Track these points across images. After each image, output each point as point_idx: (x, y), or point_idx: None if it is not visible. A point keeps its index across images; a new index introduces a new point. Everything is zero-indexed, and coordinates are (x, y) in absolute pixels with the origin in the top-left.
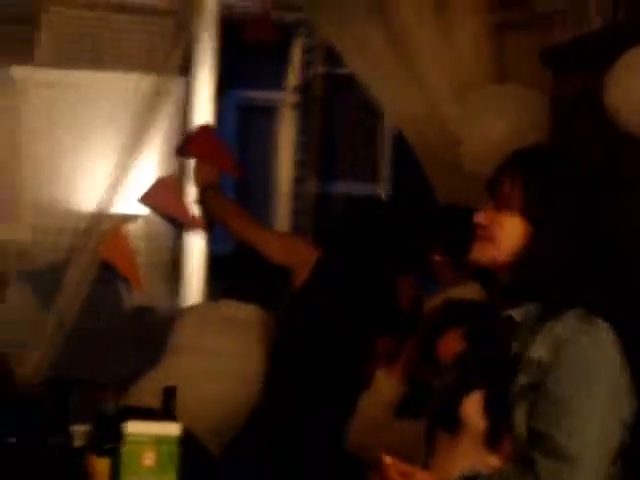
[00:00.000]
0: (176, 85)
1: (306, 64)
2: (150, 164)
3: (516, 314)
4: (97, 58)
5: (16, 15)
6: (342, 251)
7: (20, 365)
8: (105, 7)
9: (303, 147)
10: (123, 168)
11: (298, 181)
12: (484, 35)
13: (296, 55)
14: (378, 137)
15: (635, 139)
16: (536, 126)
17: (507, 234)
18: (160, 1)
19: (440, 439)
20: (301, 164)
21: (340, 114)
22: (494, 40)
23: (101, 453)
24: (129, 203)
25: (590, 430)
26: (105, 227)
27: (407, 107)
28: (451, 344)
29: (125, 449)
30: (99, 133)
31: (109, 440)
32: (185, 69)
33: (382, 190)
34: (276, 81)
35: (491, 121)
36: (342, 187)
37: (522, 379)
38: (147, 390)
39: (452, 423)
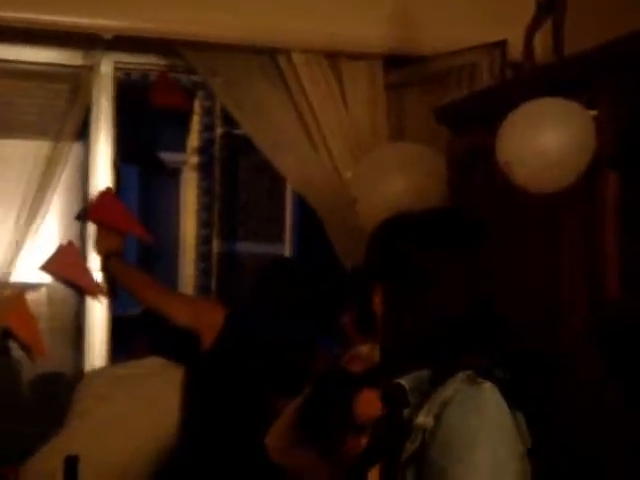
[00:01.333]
0: (75, 150)
1: (206, 125)
2: (51, 231)
3: (405, 381)
4: None
5: None
6: (250, 311)
7: None
8: (1, 74)
9: (206, 208)
10: (24, 236)
11: (202, 241)
12: (379, 97)
13: (196, 117)
14: (282, 197)
15: (526, 193)
16: (433, 183)
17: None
18: (55, 67)
19: None
20: (204, 224)
21: (243, 174)
22: (391, 99)
23: None
24: (31, 271)
25: None
26: (6, 295)
27: (306, 172)
28: (368, 404)
29: None
30: None
31: None
32: (83, 134)
33: (286, 250)
34: (178, 143)
35: (387, 179)
36: (246, 247)
37: (409, 447)
38: (50, 458)
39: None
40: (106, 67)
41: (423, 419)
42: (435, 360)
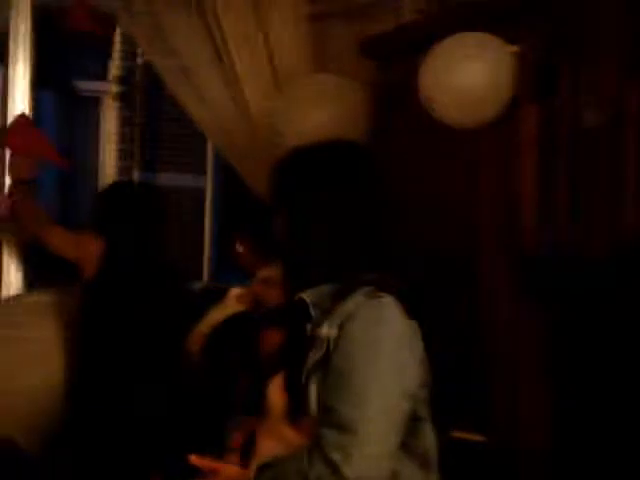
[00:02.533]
0: None
1: (127, 54)
2: None
3: (306, 296)
4: None
5: None
6: (123, 241)
7: None
8: None
9: (126, 138)
10: None
11: (122, 171)
12: (302, 28)
13: (117, 44)
14: None
15: (447, 126)
16: (356, 115)
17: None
18: None
19: (260, 424)
20: (125, 154)
21: (165, 105)
22: (315, 31)
23: None
24: None
25: (370, 402)
26: None
27: (214, 110)
28: (272, 337)
29: None
30: None
31: None
32: (1, 58)
33: (208, 182)
34: (98, 71)
35: (310, 111)
36: (167, 178)
37: (313, 356)
38: None
39: (260, 407)
40: None
41: (327, 330)
42: (336, 279)
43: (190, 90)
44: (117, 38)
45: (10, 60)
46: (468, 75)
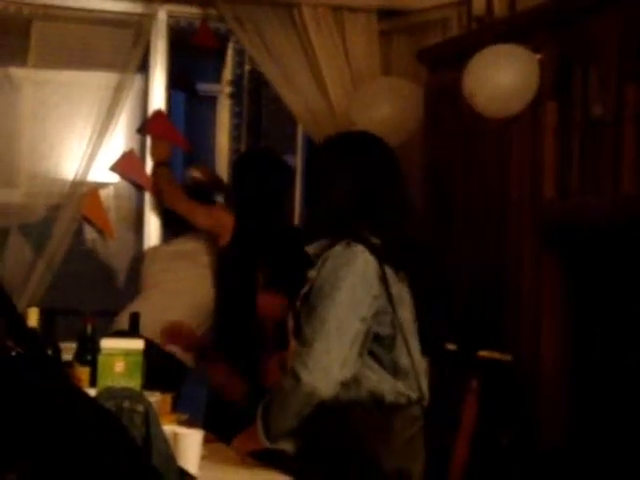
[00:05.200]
0: (136, 80)
1: (237, 63)
2: (118, 142)
3: (309, 249)
4: (77, 61)
5: (12, 26)
6: (251, 216)
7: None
8: (81, 21)
9: (237, 127)
10: (97, 145)
11: (233, 153)
12: (373, 41)
13: (229, 56)
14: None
15: (485, 118)
16: (413, 110)
17: None
18: (123, 15)
19: None
20: (236, 140)
21: (265, 101)
22: (382, 43)
23: (83, 363)
24: (102, 172)
25: (325, 324)
26: (84, 191)
27: (306, 102)
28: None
29: (100, 360)
30: (79, 119)
31: (89, 354)
32: (144, 67)
33: (297, 160)
34: (216, 77)
35: (378, 105)
36: None
37: (302, 292)
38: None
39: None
40: (162, 15)
41: (312, 272)
42: (333, 235)
43: (287, 86)
44: (229, 51)
45: (150, 69)
46: (502, 77)
